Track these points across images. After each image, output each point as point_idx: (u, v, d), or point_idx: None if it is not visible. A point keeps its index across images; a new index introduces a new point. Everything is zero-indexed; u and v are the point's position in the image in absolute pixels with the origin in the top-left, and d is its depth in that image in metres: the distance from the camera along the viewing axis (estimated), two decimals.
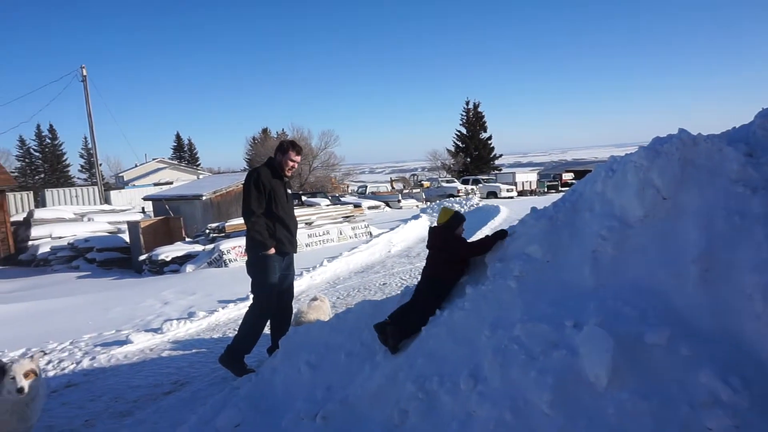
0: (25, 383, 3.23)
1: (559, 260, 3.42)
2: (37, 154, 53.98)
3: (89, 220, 18.18)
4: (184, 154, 66.84)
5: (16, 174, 42.67)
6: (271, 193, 4.77)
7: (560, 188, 40.92)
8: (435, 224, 4.11)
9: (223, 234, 12.83)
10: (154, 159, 47.13)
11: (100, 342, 6.39)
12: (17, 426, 3.39)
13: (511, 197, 34.10)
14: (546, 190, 40.76)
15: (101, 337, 6.59)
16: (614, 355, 2.65)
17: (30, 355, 3.37)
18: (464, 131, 54.72)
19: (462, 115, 55.26)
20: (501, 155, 57.55)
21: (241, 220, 13.71)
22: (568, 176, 44.97)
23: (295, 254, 5.14)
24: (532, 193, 39.68)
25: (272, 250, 4.74)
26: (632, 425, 2.50)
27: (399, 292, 6.47)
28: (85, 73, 24.17)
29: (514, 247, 3.72)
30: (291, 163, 4.94)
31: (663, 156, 3.30)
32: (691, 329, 2.78)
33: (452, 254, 3.89)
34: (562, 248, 3.47)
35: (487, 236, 3.97)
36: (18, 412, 3.32)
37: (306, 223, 13.69)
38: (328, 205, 22.09)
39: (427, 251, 4.06)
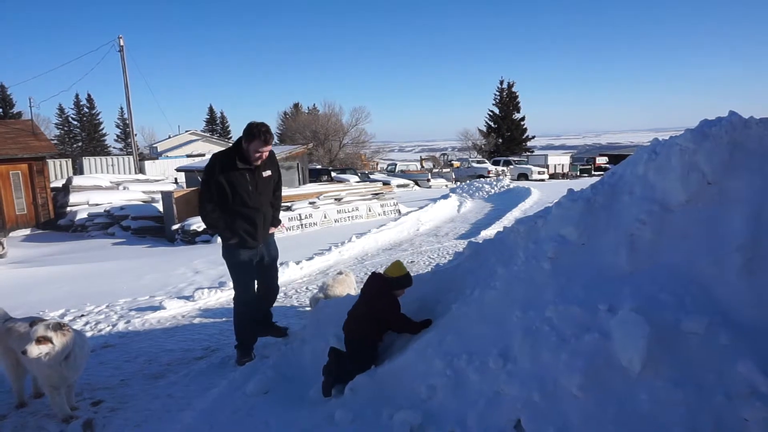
0: (31, 348, 3.39)
1: (595, 243, 3.35)
2: (75, 122, 55.35)
3: (124, 188, 18.64)
4: (216, 127, 67.58)
5: (55, 142, 43.91)
6: (227, 186, 4.24)
7: (593, 172, 40.06)
8: (382, 271, 3.90)
9: None
10: (187, 131, 47.80)
11: (134, 306, 6.60)
12: (58, 381, 3.57)
13: (543, 180, 33.55)
14: (578, 173, 39.96)
15: (136, 302, 6.80)
16: (649, 341, 2.60)
17: (49, 323, 3.51)
18: (497, 111, 53.82)
19: (495, 94, 54.32)
20: (534, 137, 56.50)
21: None
22: (601, 160, 43.97)
23: (274, 237, 4.79)
24: (564, 176, 38.95)
25: (234, 240, 4.39)
26: (665, 413, 2.46)
27: (428, 270, 6.47)
28: (122, 43, 24.52)
29: (548, 228, 3.65)
30: (257, 155, 4.26)
31: (711, 139, 3.18)
32: (730, 319, 2.70)
33: (379, 311, 3.69)
34: (598, 231, 3.39)
35: (417, 322, 3.70)
36: (55, 368, 3.49)
37: (335, 199, 13.77)
38: (357, 182, 22.13)
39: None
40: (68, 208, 16.59)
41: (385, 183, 19.64)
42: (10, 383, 3.94)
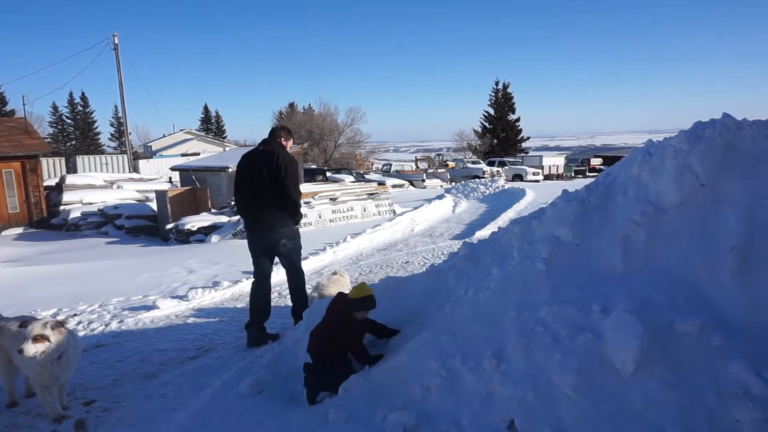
0: (27, 347, 3.36)
1: (589, 244, 3.36)
2: (69, 121, 55.01)
3: (118, 187, 18.54)
4: (211, 126, 67.39)
5: (49, 140, 43.66)
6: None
7: (587, 173, 40.18)
8: (346, 291, 3.87)
9: None
10: (181, 130, 47.61)
11: (127, 306, 6.56)
12: (49, 380, 3.55)
13: (537, 181, 33.64)
14: (573, 174, 40.07)
15: (129, 302, 6.76)
16: (642, 342, 2.61)
17: (46, 321, 3.48)
18: (492, 112, 53.89)
19: (491, 95, 54.38)
20: (528, 138, 56.61)
21: None
22: (596, 161, 44.09)
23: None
24: (558, 177, 39.04)
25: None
26: (658, 413, 2.47)
27: (423, 270, 6.47)
28: (117, 41, 24.38)
29: (543, 229, 3.66)
30: (288, 143, 5.15)
31: (704, 141, 3.19)
32: (723, 320, 2.72)
33: (339, 328, 3.66)
34: (592, 232, 3.40)
35: (370, 355, 3.67)
36: (47, 367, 3.47)
37: (330, 199, 13.74)
38: (352, 182, 22.11)
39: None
40: (61, 207, 16.48)
41: (380, 183, 19.64)
42: (2, 382, 3.91)
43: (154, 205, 14.73)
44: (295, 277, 5.22)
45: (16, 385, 3.95)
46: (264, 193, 4.83)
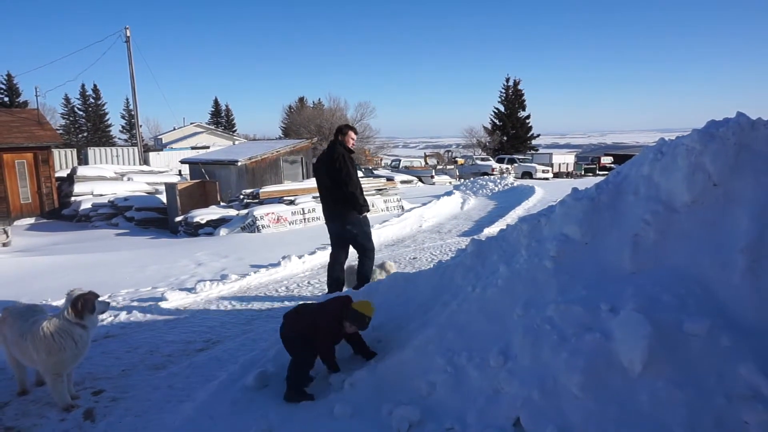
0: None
1: (598, 243, 3.34)
2: (80, 112, 55.33)
3: (129, 179, 18.68)
4: (221, 120, 67.52)
5: (60, 131, 43.99)
6: (356, 167, 5.85)
7: (597, 172, 39.92)
8: (352, 297, 3.85)
9: (257, 200, 13.01)
10: (191, 123, 47.77)
11: (136, 297, 6.61)
12: (60, 368, 3.64)
13: (547, 178, 33.46)
14: (583, 173, 39.83)
15: (138, 293, 6.81)
16: (650, 342, 2.60)
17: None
18: (502, 109, 53.55)
19: (501, 92, 54.01)
20: (538, 135, 56.23)
21: (274, 187, 13.89)
22: (606, 160, 43.77)
23: None
24: (568, 175, 38.83)
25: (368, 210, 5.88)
26: (665, 414, 2.46)
27: (430, 266, 6.46)
28: (128, 34, 24.49)
29: (551, 227, 3.64)
30: (351, 141, 5.93)
31: (717, 140, 3.16)
32: (733, 321, 2.69)
33: (323, 326, 3.64)
34: (602, 230, 3.38)
35: (335, 362, 3.71)
36: (70, 355, 3.67)
37: None
38: (361, 177, 22.10)
39: None
40: (72, 198, 16.64)
41: (389, 179, 19.61)
42: (13, 371, 3.96)
43: (163, 198, 14.83)
44: (363, 258, 5.97)
45: (26, 374, 4.00)
46: (329, 188, 5.74)
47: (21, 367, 3.93)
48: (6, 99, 46.01)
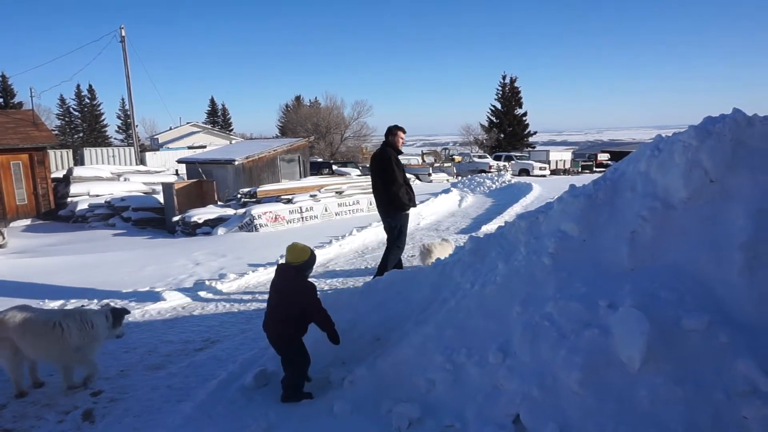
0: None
1: (596, 239, 3.35)
2: (76, 113, 55.10)
3: (125, 179, 18.60)
4: (218, 119, 67.34)
5: (56, 132, 43.81)
6: (402, 168, 6.37)
7: (595, 168, 39.97)
8: (282, 262, 3.78)
9: (254, 199, 12.99)
10: (188, 122, 47.62)
11: (134, 298, 6.60)
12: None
13: (544, 176, 33.49)
14: (580, 170, 39.86)
15: (136, 293, 6.80)
16: (649, 338, 2.60)
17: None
18: (499, 106, 53.56)
19: (498, 89, 54.02)
20: (535, 132, 56.29)
21: (271, 186, 13.87)
22: (603, 156, 43.78)
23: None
24: (565, 172, 38.85)
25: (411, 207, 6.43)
26: (664, 409, 2.47)
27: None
28: (124, 33, 24.40)
29: (549, 224, 3.65)
30: (401, 140, 6.50)
31: (714, 136, 3.17)
32: (731, 317, 2.70)
33: (301, 303, 3.61)
34: (599, 227, 3.39)
35: (330, 324, 3.69)
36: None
37: (336, 192, 13.74)
38: (358, 175, 22.08)
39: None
40: (69, 199, 16.57)
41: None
42: (9, 373, 3.95)
43: (160, 198, 14.78)
44: (390, 250, 6.55)
45: (23, 376, 3.99)
46: (377, 185, 6.42)
47: (18, 369, 3.92)
48: (1, 100, 45.79)
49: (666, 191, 3.24)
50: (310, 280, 3.81)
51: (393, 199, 6.32)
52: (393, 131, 6.47)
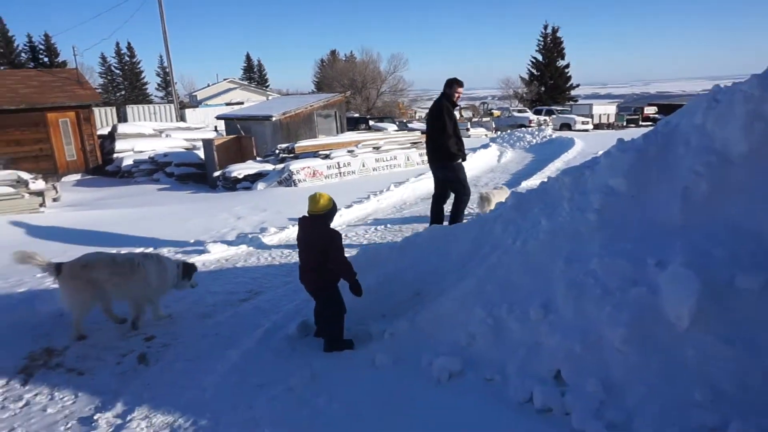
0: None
1: (646, 196, 3.23)
2: (117, 71, 56.06)
3: (167, 136, 18.98)
4: (254, 75, 67.36)
5: (99, 90, 44.77)
6: (454, 120, 6.50)
7: (641, 123, 38.37)
8: (309, 212, 3.79)
9: (292, 155, 13.08)
10: (225, 79, 47.87)
11: (180, 250, 6.84)
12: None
13: (587, 130, 32.38)
14: (625, 124, 38.32)
15: (180, 246, 7.03)
16: (699, 297, 2.53)
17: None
18: (540, 58, 51.51)
19: (539, 40, 51.82)
20: (578, 85, 54.11)
21: (309, 142, 13.91)
22: (650, 110, 41.88)
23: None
24: (609, 126, 37.43)
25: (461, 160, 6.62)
26: (712, 368, 2.42)
27: (466, 219, 6.43)
28: None
29: (596, 179, 3.53)
30: (457, 94, 6.62)
31: None
32: None
33: (328, 246, 3.67)
34: (649, 183, 3.26)
35: (351, 272, 3.75)
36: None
37: (374, 148, 13.68)
38: (395, 131, 21.87)
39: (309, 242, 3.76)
40: (114, 155, 17.10)
41: (424, 132, 19.32)
42: (74, 316, 4.20)
43: (201, 154, 15.06)
44: (457, 200, 6.78)
45: (83, 320, 4.25)
46: (431, 135, 6.64)
47: (88, 312, 4.28)
48: (46, 59, 46.86)
49: (724, 145, 3.07)
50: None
51: (442, 149, 6.53)
52: (451, 83, 6.58)
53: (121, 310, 4.54)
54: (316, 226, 3.75)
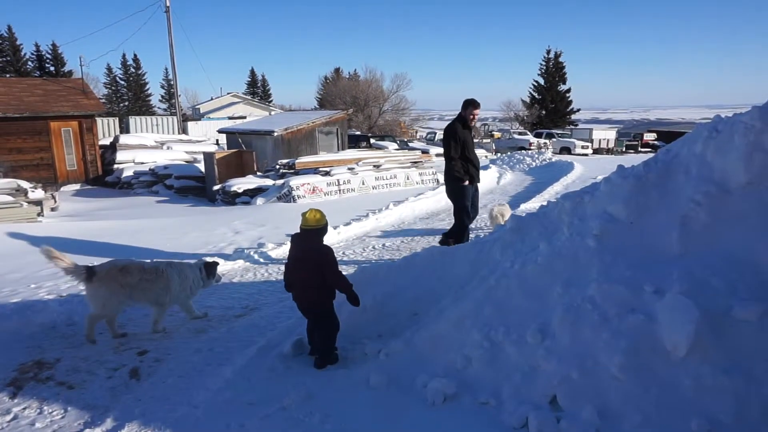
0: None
1: (645, 222, 3.24)
2: (122, 82, 56.51)
3: (168, 148, 19.06)
4: (257, 90, 67.87)
5: (103, 100, 45.05)
6: (463, 142, 6.53)
7: (640, 149, 38.60)
8: (302, 227, 3.81)
9: (292, 171, 13.11)
10: (228, 93, 48.13)
11: None
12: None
13: (586, 155, 32.55)
14: (624, 149, 38.57)
15: (177, 259, 7.00)
16: (698, 326, 2.52)
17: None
18: (542, 82, 52.04)
19: (541, 64, 52.40)
20: (578, 110, 54.58)
21: (310, 158, 13.96)
22: (649, 136, 42.18)
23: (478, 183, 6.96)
24: (608, 151, 37.62)
25: (467, 182, 6.60)
26: (710, 399, 2.40)
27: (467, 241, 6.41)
28: (168, 3, 24.69)
29: (595, 205, 3.54)
30: (473, 116, 6.64)
31: None
32: None
33: (324, 263, 3.70)
34: (648, 210, 3.27)
35: (347, 285, 3.78)
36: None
37: (374, 166, 13.72)
38: (396, 149, 21.97)
39: (303, 259, 3.77)
40: (115, 166, 17.14)
41: (424, 151, 19.43)
42: (92, 318, 4.38)
43: (202, 167, 15.10)
44: (454, 223, 6.87)
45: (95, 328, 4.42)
46: (444, 155, 6.77)
47: (117, 313, 4.50)
48: (52, 68, 47.26)
49: (723, 175, 3.09)
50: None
51: (446, 171, 6.75)
52: (467, 105, 6.67)
53: (119, 321, 4.51)
54: (309, 241, 3.77)
